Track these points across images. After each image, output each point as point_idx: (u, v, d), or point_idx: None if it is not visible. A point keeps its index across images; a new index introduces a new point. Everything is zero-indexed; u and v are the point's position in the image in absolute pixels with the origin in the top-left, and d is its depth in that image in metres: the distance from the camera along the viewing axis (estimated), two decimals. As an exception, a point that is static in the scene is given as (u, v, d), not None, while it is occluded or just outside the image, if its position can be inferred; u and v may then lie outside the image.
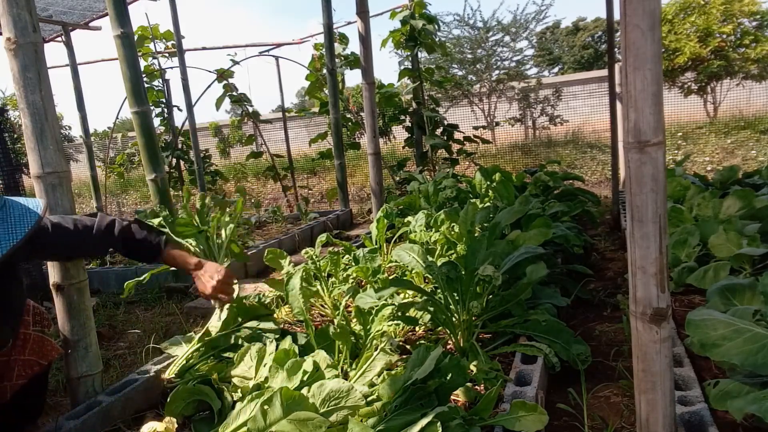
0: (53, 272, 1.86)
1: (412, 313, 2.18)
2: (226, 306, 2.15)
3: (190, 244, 2.91)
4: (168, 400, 1.78)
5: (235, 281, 2.03)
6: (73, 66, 6.95)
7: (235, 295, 2.06)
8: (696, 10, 9.76)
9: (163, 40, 7.16)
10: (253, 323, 2.22)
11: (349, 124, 7.56)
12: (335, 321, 2.37)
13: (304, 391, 1.47)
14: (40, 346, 1.73)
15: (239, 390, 1.80)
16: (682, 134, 8.85)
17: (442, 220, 3.32)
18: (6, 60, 1.75)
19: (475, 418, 1.47)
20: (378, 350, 1.79)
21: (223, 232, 3.08)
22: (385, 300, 2.06)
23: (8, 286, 1.59)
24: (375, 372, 1.71)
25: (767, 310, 1.66)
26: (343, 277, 2.81)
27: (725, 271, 2.47)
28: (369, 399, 1.55)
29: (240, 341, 2.12)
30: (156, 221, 3.18)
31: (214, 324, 2.20)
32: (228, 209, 3.50)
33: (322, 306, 2.66)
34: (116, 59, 3.43)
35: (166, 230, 2.10)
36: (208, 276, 1.94)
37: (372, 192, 5.11)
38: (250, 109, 7.29)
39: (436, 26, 6.86)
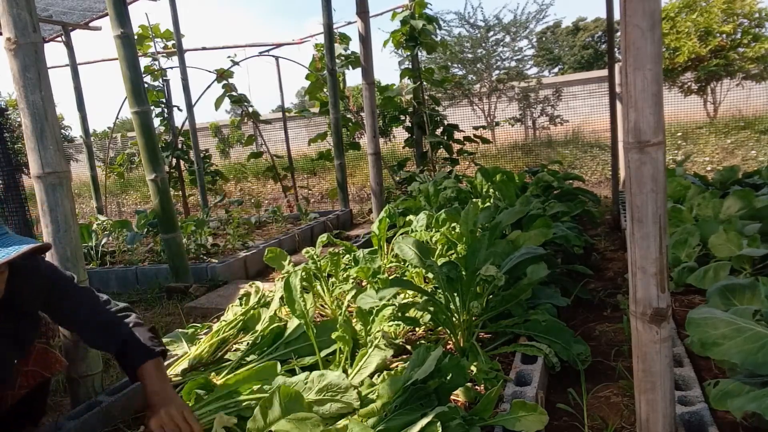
0: (53, 272, 1.86)
1: (412, 313, 2.18)
2: None
3: None
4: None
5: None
6: (73, 66, 6.96)
7: None
8: (699, 9, 9.75)
9: (163, 40, 7.16)
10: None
11: (350, 124, 7.56)
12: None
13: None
14: (44, 358, 1.71)
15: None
16: (682, 134, 8.84)
17: (443, 220, 3.32)
18: (6, 60, 1.75)
19: (475, 418, 1.47)
20: (373, 347, 1.79)
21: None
22: (386, 300, 2.06)
23: (18, 324, 1.58)
24: (371, 368, 1.71)
25: (767, 310, 1.66)
26: (344, 277, 2.81)
27: (725, 271, 2.47)
28: (369, 398, 1.55)
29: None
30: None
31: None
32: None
33: (322, 306, 2.66)
34: (116, 59, 3.43)
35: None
36: (165, 414, 1.46)
37: (372, 192, 5.11)
38: (250, 110, 7.30)
39: (437, 26, 6.86)
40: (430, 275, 2.33)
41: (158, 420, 1.45)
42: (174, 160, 7.29)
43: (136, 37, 4.07)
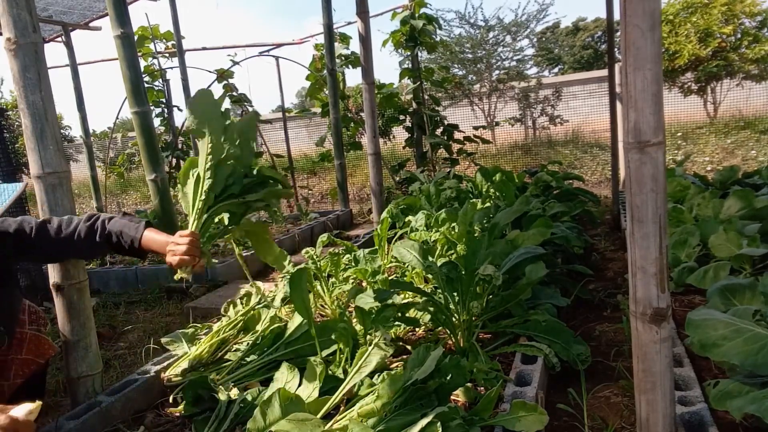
0: (53, 273, 1.86)
1: (411, 313, 2.18)
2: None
3: None
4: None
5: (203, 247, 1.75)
6: (73, 66, 6.95)
7: (203, 262, 1.74)
8: (698, 10, 9.74)
9: (163, 40, 7.16)
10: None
11: (351, 124, 7.57)
12: (335, 321, 2.37)
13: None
14: (37, 345, 1.73)
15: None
16: (682, 134, 8.84)
17: (443, 219, 3.32)
18: (6, 60, 1.75)
19: (475, 418, 1.47)
20: (372, 345, 1.79)
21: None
22: (385, 303, 2.06)
23: (2, 288, 1.60)
24: (371, 367, 1.71)
25: (767, 310, 1.66)
26: (344, 277, 2.81)
27: (725, 271, 2.47)
28: (369, 398, 1.55)
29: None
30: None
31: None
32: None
33: (322, 306, 2.66)
34: (116, 59, 3.43)
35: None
36: (173, 243, 1.70)
37: (372, 192, 5.11)
38: (251, 109, 7.30)
39: (437, 26, 6.86)
40: (430, 275, 2.33)
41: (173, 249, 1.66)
42: (174, 160, 7.29)
43: (135, 37, 4.07)
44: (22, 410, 1.22)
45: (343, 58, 7.03)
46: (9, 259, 1.66)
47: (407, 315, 2.15)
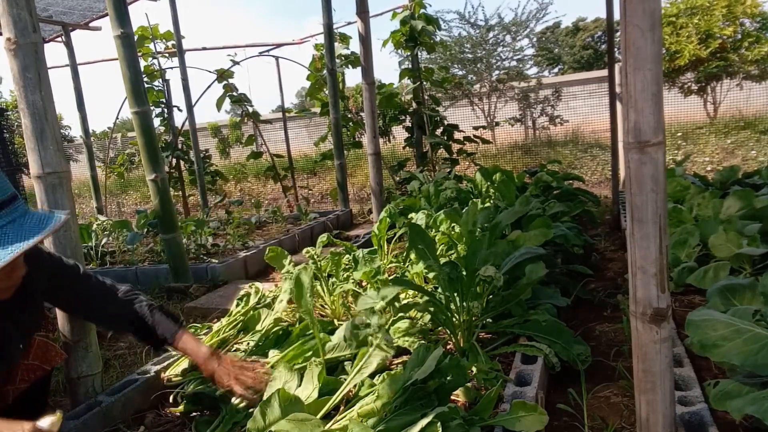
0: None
1: (412, 314, 2.18)
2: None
3: None
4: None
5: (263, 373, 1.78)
6: (73, 66, 6.96)
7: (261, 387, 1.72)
8: (700, 11, 9.73)
9: (163, 40, 7.15)
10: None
11: (350, 124, 7.56)
12: (335, 321, 2.37)
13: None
14: (44, 352, 1.73)
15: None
16: (682, 134, 8.84)
17: (442, 220, 3.32)
18: (6, 60, 1.75)
19: (475, 418, 1.47)
20: (374, 347, 1.79)
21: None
22: (388, 300, 2.05)
23: (28, 312, 1.61)
24: (371, 368, 1.71)
25: (767, 311, 1.66)
26: (344, 277, 2.81)
27: (725, 271, 2.47)
28: (369, 398, 1.55)
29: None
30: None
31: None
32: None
33: (322, 306, 2.66)
34: (116, 59, 3.43)
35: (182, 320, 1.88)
36: (243, 369, 1.75)
37: (372, 192, 5.12)
38: (250, 110, 7.30)
39: (436, 26, 6.87)
40: (431, 275, 2.33)
41: (223, 372, 1.71)
42: (174, 160, 7.29)
43: (135, 37, 4.07)
44: (46, 422, 1.28)
45: (343, 58, 7.03)
46: (44, 287, 1.67)
47: (408, 315, 2.15)
